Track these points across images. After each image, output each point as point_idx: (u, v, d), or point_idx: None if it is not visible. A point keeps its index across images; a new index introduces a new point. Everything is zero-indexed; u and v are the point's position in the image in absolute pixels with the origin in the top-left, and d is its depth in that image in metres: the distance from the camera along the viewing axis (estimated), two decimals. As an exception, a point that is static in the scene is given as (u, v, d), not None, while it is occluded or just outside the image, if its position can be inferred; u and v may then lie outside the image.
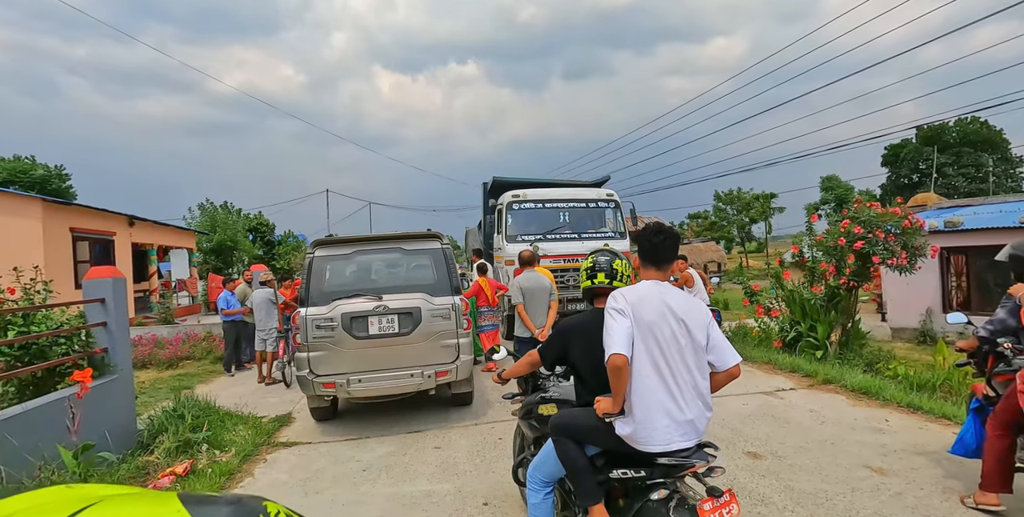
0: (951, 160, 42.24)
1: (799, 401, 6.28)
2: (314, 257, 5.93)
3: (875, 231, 7.58)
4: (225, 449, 5.28)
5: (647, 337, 2.37)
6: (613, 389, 2.38)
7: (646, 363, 2.37)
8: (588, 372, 2.71)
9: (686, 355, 2.40)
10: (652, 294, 2.46)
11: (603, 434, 2.50)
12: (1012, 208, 11.24)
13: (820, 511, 3.66)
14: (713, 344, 2.46)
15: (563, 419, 2.71)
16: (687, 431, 2.38)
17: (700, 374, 2.43)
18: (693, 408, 2.38)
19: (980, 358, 4.00)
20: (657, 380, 2.36)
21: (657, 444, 2.35)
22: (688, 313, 2.43)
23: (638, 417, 2.36)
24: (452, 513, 3.89)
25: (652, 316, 2.39)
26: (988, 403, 3.75)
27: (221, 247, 23.28)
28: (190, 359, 11.10)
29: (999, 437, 3.51)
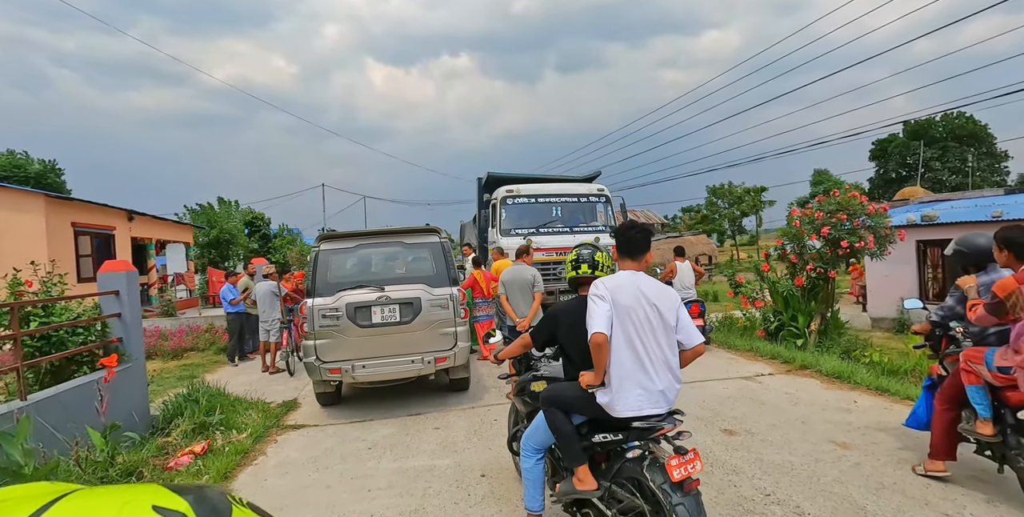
0: (937, 154, 42.82)
1: (776, 385, 6.69)
2: (320, 251, 6.26)
3: (838, 215, 7.96)
4: (238, 431, 5.63)
5: (624, 319, 2.75)
6: (595, 363, 2.75)
7: (623, 341, 2.74)
8: (574, 351, 3.08)
9: (658, 334, 2.77)
10: (628, 282, 2.84)
11: (587, 403, 2.87)
12: (987, 203, 11.68)
13: (785, 479, 4.05)
14: (682, 325, 2.84)
15: (552, 392, 3.09)
16: (658, 400, 2.75)
17: (670, 351, 2.80)
18: (664, 380, 2.76)
19: (935, 341, 4.40)
20: (632, 356, 2.74)
21: (630, 410, 2.73)
22: (659, 298, 2.81)
23: (615, 387, 2.73)
24: (453, 483, 4.27)
25: (628, 301, 2.76)
26: (940, 381, 4.15)
27: (218, 241, 23.52)
28: (194, 350, 11.43)
29: (945, 411, 3.92)
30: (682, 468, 2.58)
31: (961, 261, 4.01)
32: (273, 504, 4.11)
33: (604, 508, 2.91)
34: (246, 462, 5.01)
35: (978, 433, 3.65)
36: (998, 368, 3.44)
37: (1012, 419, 3.48)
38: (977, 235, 3.92)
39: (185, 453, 5.02)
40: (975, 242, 3.89)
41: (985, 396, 3.61)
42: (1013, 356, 3.34)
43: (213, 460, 4.84)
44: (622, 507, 2.84)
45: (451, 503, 3.95)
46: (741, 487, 3.94)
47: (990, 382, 3.57)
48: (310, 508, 4.01)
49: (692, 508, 2.55)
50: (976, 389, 3.63)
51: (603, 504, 2.92)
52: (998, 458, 3.71)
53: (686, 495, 2.56)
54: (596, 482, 2.90)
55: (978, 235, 3.90)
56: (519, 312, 6.90)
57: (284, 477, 4.62)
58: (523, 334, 3.49)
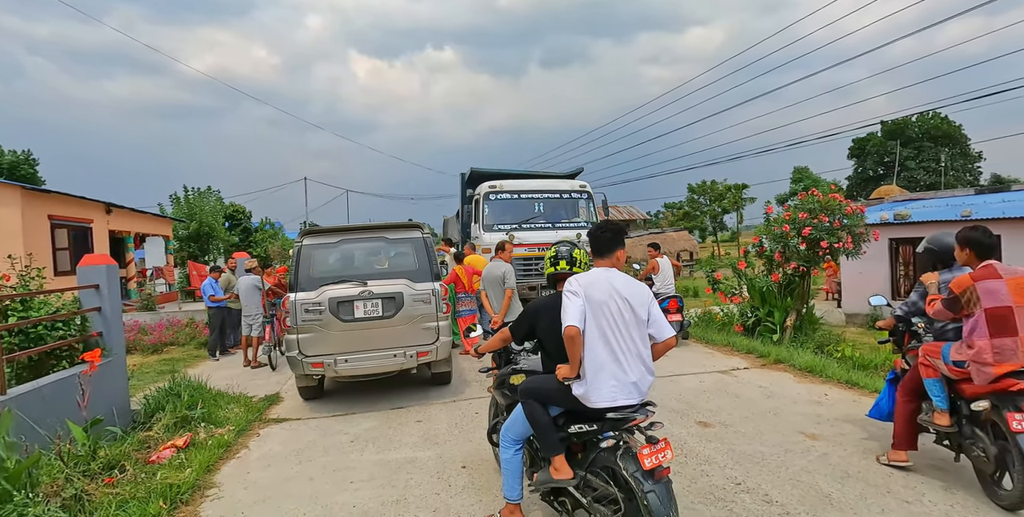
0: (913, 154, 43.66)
1: (751, 378, 6.87)
2: (302, 245, 6.29)
3: (819, 216, 8.16)
4: (221, 425, 5.66)
5: (597, 313, 2.85)
6: (569, 356, 2.86)
7: (596, 335, 2.85)
8: (551, 345, 3.18)
9: (630, 328, 2.88)
10: (601, 278, 2.95)
11: (563, 395, 2.98)
12: (957, 202, 12.00)
13: (755, 469, 4.20)
14: (653, 319, 2.95)
15: (530, 384, 3.19)
16: (631, 391, 2.86)
17: (642, 344, 2.91)
18: (636, 372, 2.87)
19: (898, 336, 4.58)
20: (605, 349, 2.84)
21: (604, 401, 2.83)
22: (631, 293, 2.92)
23: (590, 379, 2.84)
24: (434, 474, 4.36)
25: (601, 296, 2.87)
26: (903, 375, 4.32)
27: (198, 235, 23.26)
28: (174, 345, 11.36)
29: (907, 403, 4.09)
30: (653, 457, 2.69)
31: (930, 258, 4.16)
32: (256, 496, 4.17)
33: (579, 496, 3.02)
34: (229, 455, 5.05)
35: (936, 424, 3.82)
36: (954, 362, 3.61)
37: (967, 410, 3.66)
38: (945, 234, 4.07)
39: (167, 447, 5.04)
40: (943, 241, 4.04)
41: (942, 389, 3.79)
42: (966, 350, 3.51)
43: (195, 453, 4.87)
44: (596, 495, 2.95)
45: (432, 494, 4.04)
46: (713, 476, 4.09)
47: (947, 375, 3.74)
48: (293, 500, 4.07)
49: (663, 495, 2.66)
50: (934, 382, 3.81)
51: (578, 492, 3.03)
52: (955, 447, 3.89)
53: (657, 483, 2.67)
54: (572, 471, 3.00)
55: (946, 234, 4.05)
56: (495, 308, 7.01)
57: (267, 470, 4.67)
58: (502, 328, 3.59)
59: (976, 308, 3.44)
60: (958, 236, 3.71)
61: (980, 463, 3.63)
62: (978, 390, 3.54)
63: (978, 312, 3.43)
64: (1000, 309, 3.39)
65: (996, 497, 3.53)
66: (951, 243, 3.89)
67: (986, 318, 3.41)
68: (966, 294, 3.47)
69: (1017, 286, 3.41)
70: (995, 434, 3.53)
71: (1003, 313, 3.38)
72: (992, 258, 3.57)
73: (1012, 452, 3.34)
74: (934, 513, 3.48)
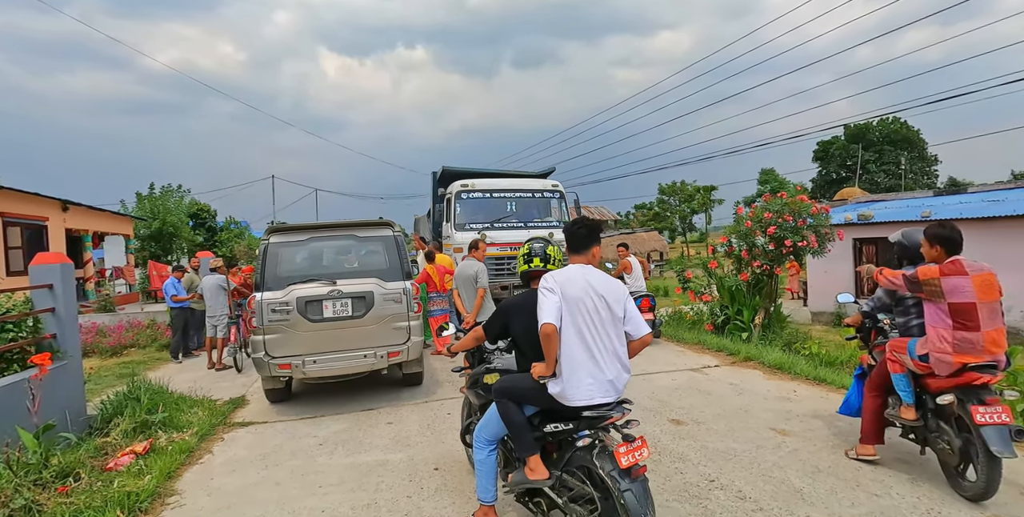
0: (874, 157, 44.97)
1: (722, 376, 6.93)
2: (269, 243, 6.12)
3: (784, 215, 8.31)
4: (183, 429, 5.46)
5: (573, 311, 2.81)
6: (545, 354, 2.81)
7: (572, 332, 2.80)
8: (526, 343, 3.12)
9: (606, 325, 2.84)
10: (577, 275, 2.90)
11: (538, 394, 2.92)
12: (917, 204, 12.37)
13: (728, 465, 4.22)
14: (629, 316, 2.92)
15: (505, 383, 3.13)
16: (607, 389, 2.83)
17: (619, 341, 2.88)
18: (612, 369, 2.84)
19: (865, 333, 4.65)
20: (582, 346, 2.80)
21: (581, 399, 2.79)
22: (607, 290, 2.89)
23: (566, 377, 2.79)
24: (405, 477, 4.26)
25: (577, 293, 2.83)
26: (870, 371, 4.39)
27: (160, 234, 22.59)
28: (134, 347, 10.98)
29: (874, 398, 4.16)
30: (630, 455, 2.66)
31: (899, 252, 4.22)
32: (220, 502, 4.02)
33: (555, 496, 2.98)
34: (191, 461, 4.87)
35: (902, 418, 3.90)
36: (919, 357, 3.68)
37: (932, 404, 3.74)
38: (916, 231, 4.10)
39: (126, 453, 4.83)
40: (914, 237, 4.09)
41: (908, 383, 3.86)
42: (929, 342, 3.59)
43: (156, 460, 4.68)
44: (572, 495, 2.91)
45: (404, 496, 3.95)
46: (687, 474, 4.08)
47: (913, 370, 3.81)
48: (258, 506, 3.94)
49: (639, 494, 2.63)
50: (900, 377, 3.88)
51: (554, 492, 2.98)
52: (920, 441, 3.98)
53: (634, 481, 2.65)
54: (548, 471, 2.95)
55: (917, 231, 4.09)
56: (467, 308, 6.93)
57: (231, 475, 4.52)
58: (475, 327, 3.52)
59: (940, 299, 3.52)
60: (927, 233, 3.76)
61: (945, 456, 3.72)
62: (943, 384, 3.61)
63: (943, 304, 3.51)
64: (964, 305, 3.46)
65: (961, 489, 3.61)
66: (920, 240, 3.97)
67: (950, 311, 3.49)
68: (930, 284, 3.55)
69: (982, 282, 3.49)
70: (959, 427, 3.62)
71: (967, 308, 3.46)
72: (959, 254, 3.64)
73: (976, 444, 3.42)
74: (902, 506, 3.53)
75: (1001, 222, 9.60)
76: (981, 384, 3.49)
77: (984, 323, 3.47)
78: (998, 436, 3.32)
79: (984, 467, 3.38)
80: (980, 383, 3.48)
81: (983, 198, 11.43)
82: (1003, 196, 11.20)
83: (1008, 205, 10.02)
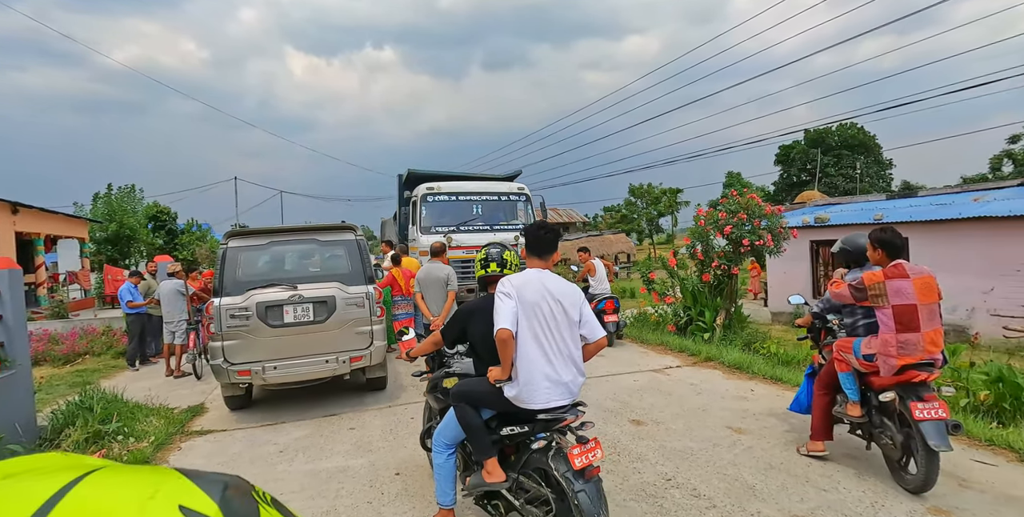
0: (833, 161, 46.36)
1: (682, 376, 7.06)
2: (228, 247, 6.01)
3: (739, 215, 8.53)
4: (138, 439, 5.33)
5: (529, 315, 2.85)
6: (501, 358, 2.85)
7: (528, 336, 2.85)
8: (483, 347, 3.15)
9: (562, 329, 2.89)
10: (534, 279, 2.94)
11: (495, 398, 2.96)
12: (871, 207, 12.80)
13: (684, 464, 4.32)
14: (585, 320, 2.98)
15: (462, 387, 3.16)
16: (563, 392, 2.88)
17: (574, 345, 2.93)
18: (568, 373, 2.88)
19: (815, 333, 4.82)
20: (538, 350, 2.85)
21: (538, 402, 2.84)
22: (563, 294, 2.93)
23: (522, 381, 2.84)
24: (366, 483, 4.25)
25: (534, 297, 2.87)
26: (820, 369, 4.55)
27: (117, 237, 21.91)
28: (89, 354, 10.63)
29: (823, 395, 4.31)
30: (583, 456, 2.71)
31: (845, 258, 4.39)
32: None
33: (512, 498, 3.02)
34: (145, 471, 4.75)
35: (849, 415, 4.06)
36: (864, 356, 3.84)
37: (875, 401, 3.91)
38: (858, 235, 4.29)
39: (76, 464, 4.70)
40: (857, 241, 4.28)
41: (854, 381, 4.02)
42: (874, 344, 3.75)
43: (108, 470, 4.56)
44: (529, 496, 2.95)
45: (364, 502, 3.93)
46: (644, 473, 4.17)
47: (858, 369, 3.97)
48: None
49: (592, 494, 2.69)
50: (846, 375, 4.04)
51: (511, 495, 3.02)
52: (866, 436, 4.15)
53: (587, 482, 2.70)
54: (504, 474, 2.99)
55: (859, 235, 4.28)
56: (434, 311, 6.92)
57: (187, 484, 4.42)
58: (434, 332, 3.54)
59: (884, 303, 3.67)
60: (871, 237, 3.94)
61: (888, 450, 3.88)
62: (885, 382, 3.78)
63: (887, 308, 3.67)
64: (906, 307, 3.63)
65: (903, 481, 3.77)
66: (863, 244, 4.13)
67: (893, 314, 3.64)
68: (875, 289, 3.70)
69: (922, 285, 3.65)
70: (901, 423, 3.79)
71: (908, 310, 3.63)
72: (901, 258, 3.81)
73: (915, 439, 3.58)
74: (848, 499, 3.67)
75: (947, 225, 10.00)
76: (920, 381, 3.66)
77: (924, 324, 3.63)
78: (935, 431, 3.49)
79: (923, 460, 3.55)
80: (919, 380, 3.65)
81: (931, 202, 11.89)
82: (950, 200, 11.67)
83: (954, 209, 10.44)
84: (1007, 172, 34.76)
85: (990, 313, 9.33)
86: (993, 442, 4.53)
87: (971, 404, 5.45)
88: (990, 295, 9.45)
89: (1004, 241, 9.30)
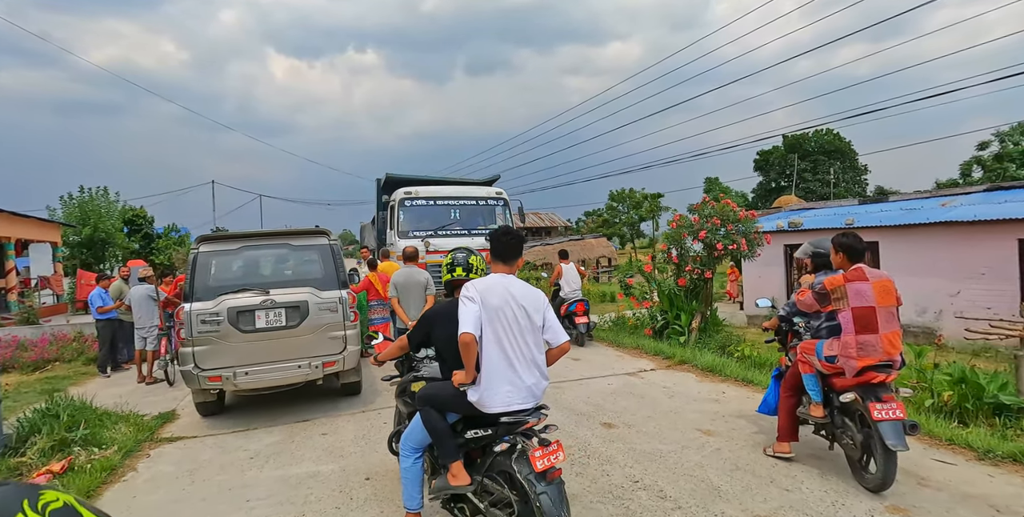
0: (810, 167, 47.13)
1: (656, 379, 7.14)
2: (199, 252, 5.96)
3: (712, 219, 8.65)
4: (105, 446, 5.25)
5: (493, 319, 2.87)
6: (464, 362, 2.86)
7: (492, 340, 2.87)
8: (447, 351, 3.17)
9: (525, 334, 2.92)
10: (498, 284, 2.96)
11: (459, 401, 2.98)
12: (843, 212, 13.07)
13: (653, 466, 4.37)
14: (548, 325, 3.01)
15: (427, 391, 3.18)
16: (526, 396, 2.91)
17: (537, 349, 2.97)
18: (530, 377, 2.92)
19: (782, 335, 4.92)
20: (500, 354, 2.87)
21: (499, 406, 2.87)
22: (527, 299, 2.97)
23: (484, 385, 2.86)
24: (336, 488, 4.23)
25: (497, 302, 2.89)
26: (787, 371, 4.64)
27: (92, 241, 21.50)
28: (59, 361, 10.44)
29: (788, 397, 4.39)
30: (545, 459, 2.74)
31: (816, 260, 4.48)
32: (139, 521, 3.90)
33: (477, 501, 3.03)
34: (114, 479, 4.69)
35: (812, 415, 4.15)
36: (826, 358, 3.93)
37: (837, 402, 4.00)
38: (825, 240, 4.37)
39: (41, 473, 4.63)
40: (824, 245, 4.37)
41: (817, 383, 4.12)
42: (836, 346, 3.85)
43: (74, 479, 4.50)
44: (493, 499, 2.97)
45: (332, 508, 3.92)
46: (613, 475, 4.21)
47: (820, 370, 4.06)
48: (181, 522, 3.84)
49: (554, 496, 2.72)
50: (809, 377, 4.13)
51: (476, 498, 3.04)
52: (829, 437, 4.24)
53: (549, 484, 2.73)
54: (470, 477, 3.01)
55: (826, 240, 4.36)
56: (411, 315, 6.91)
57: (155, 492, 4.37)
58: (401, 336, 3.55)
59: (845, 305, 3.78)
60: (834, 241, 4.04)
61: (849, 450, 3.98)
62: (846, 383, 3.88)
63: (847, 310, 3.77)
64: (865, 309, 3.73)
65: (863, 480, 3.86)
66: (826, 248, 4.26)
67: (852, 316, 3.75)
68: (836, 292, 3.81)
69: (881, 288, 3.76)
70: (861, 423, 3.89)
71: (867, 312, 3.73)
72: (862, 262, 3.92)
73: (874, 439, 3.67)
74: (810, 499, 3.74)
75: (916, 229, 10.24)
76: (879, 382, 3.75)
77: (882, 326, 3.73)
78: (893, 431, 3.57)
79: (882, 460, 3.63)
80: (878, 381, 3.74)
81: (901, 207, 12.16)
82: (919, 204, 11.95)
83: (922, 214, 10.70)
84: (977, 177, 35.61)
85: (955, 315, 9.56)
86: (953, 441, 4.64)
87: (935, 404, 5.58)
88: (956, 298, 9.68)
89: (970, 245, 9.55)
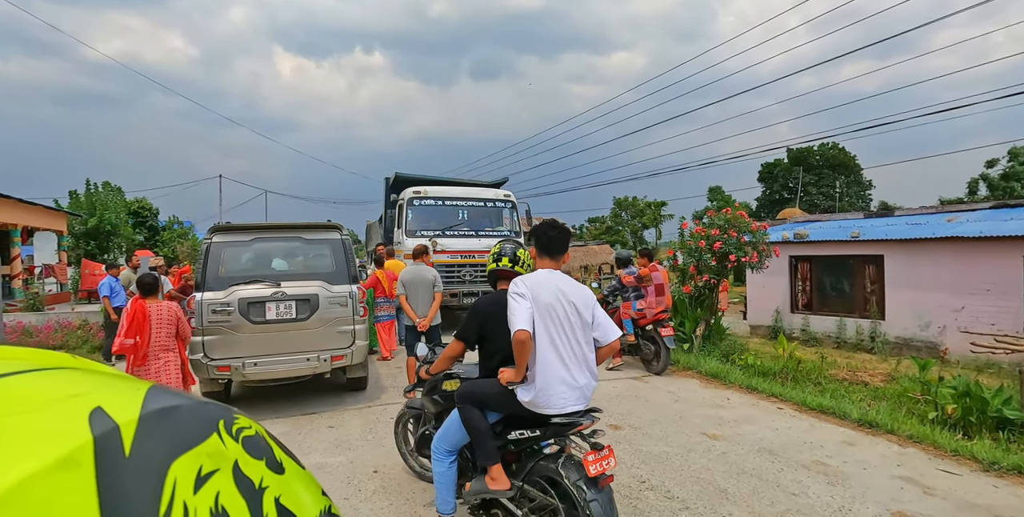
0: (814, 180, 47.18)
1: (660, 384, 7.16)
2: (212, 243, 5.99)
3: (729, 231, 8.68)
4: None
5: (544, 316, 2.76)
6: (516, 360, 2.74)
7: (544, 339, 2.76)
8: (497, 346, 3.05)
9: (576, 331, 2.82)
10: (547, 280, 2.85)
11: (505, 400, 2.88)
12: (848, 224, 13.08)
13: (660, 468, 4.39)
14: (598, 322, 2.91)
15: (469, 388, 3.06)
16: (579, 397, 2.80)
17: (588, 348, 2.86)
18: (583, 377, 2.82)
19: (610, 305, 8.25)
20: (554, 353, 2.76)
21: (555, 407, 2.76)
22: (577, 296, 2.86)
23: (539, 385, 2.74)
24: (344, 480, 4.25)
25: (548, 298, 2.77)
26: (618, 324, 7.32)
27: (97, 231, 21.53)
28: (63, 348, 10.46)
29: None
30: (598, 464, 2.61)
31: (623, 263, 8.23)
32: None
33: (514, 508, 2.91)
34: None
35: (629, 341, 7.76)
36: (636, 310, 7.74)
37: (642, 333, 7.78)
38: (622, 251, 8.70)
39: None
40: (623, 254, 8.56)
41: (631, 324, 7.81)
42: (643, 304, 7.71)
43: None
44: (534, 506, 2.84)
45: (341, 499, 3.93)
46: (620, 476, 4.21)
47: (634, 317, 7.81)
48: (189, 508, 3.85)
49: (605, 503, 2.60)
50: (627, 321, 7.80)
51: (513, 504, 2.92)
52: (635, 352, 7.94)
53: (600, 491, 2.61)
54: (510, 481, 2.88)
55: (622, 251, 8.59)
56: (419, 312, 6.92)
57: (162, 478, 4.39)
58: (449, 345, 3.29)
59: (650, 282, 7.64)
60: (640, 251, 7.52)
61: (646, 357, 7.79)
62: (647, 322, 7.67)
63: (652, 285, 7.64)
64: (659, 285, 7.72)
65: (651, 369, 7.70)
66: (626, 255, 8.37)
67: (654, 289, 7.67)
68: (647, 278, 7.65)
69: (664, 274, 7.93)
70: (653, 342, 7.68)
71: (659, 287, 7.74)
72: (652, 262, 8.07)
73: (660, 346, 7.55)
74: (816, 504, 3.76)
75: (921, 243, 10.26)
76: (660, 320, 7.59)
77: (664, 293, 7.77)
78: (670, 340, 7.51)
79: (663, 356, 7.48)
80: (661, 319, 7.58)
81: (907, 221, 12.18)
82: (924, 219, 11.97)
83: (928, 228, 10.72)
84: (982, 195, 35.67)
85: (960, 330, 9.57)
86: (959, 452, 4.66)
87: (939, 417, 5.60)
88: (960, 313, 9.69)
89: (975, 261, 9.57)
